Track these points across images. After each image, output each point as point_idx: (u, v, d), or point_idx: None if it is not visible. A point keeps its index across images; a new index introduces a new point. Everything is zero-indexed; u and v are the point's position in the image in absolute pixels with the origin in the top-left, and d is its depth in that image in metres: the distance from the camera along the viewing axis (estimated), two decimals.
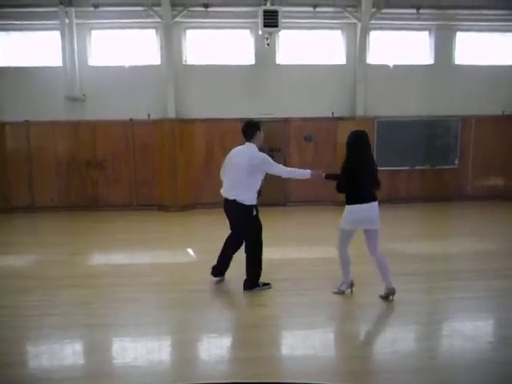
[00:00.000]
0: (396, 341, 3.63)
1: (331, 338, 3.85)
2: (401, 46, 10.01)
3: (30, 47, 9.56)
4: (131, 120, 9.66)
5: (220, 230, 4.97)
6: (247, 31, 9.67)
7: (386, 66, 9.96)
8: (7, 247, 6.97)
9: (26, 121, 9.49)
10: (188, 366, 3.28)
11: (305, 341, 3.61)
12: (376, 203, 4.27)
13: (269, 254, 4.98)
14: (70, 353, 3.59)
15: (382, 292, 4.30)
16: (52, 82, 9.34)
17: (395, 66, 9.95)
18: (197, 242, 7.02)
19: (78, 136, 9.65)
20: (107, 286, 4.98)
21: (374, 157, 9.85)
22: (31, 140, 9.60)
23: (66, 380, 3.11)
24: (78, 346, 3.73)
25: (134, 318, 4.12)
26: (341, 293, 4.44)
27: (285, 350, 3.61)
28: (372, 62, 9.97)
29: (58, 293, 4.73)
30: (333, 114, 9.94)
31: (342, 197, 4.47)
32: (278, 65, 9.84)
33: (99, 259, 6.36)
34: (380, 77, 9.94)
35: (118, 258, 6.29)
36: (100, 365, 3.37)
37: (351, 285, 4.48)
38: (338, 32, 9.91)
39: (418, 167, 10.29)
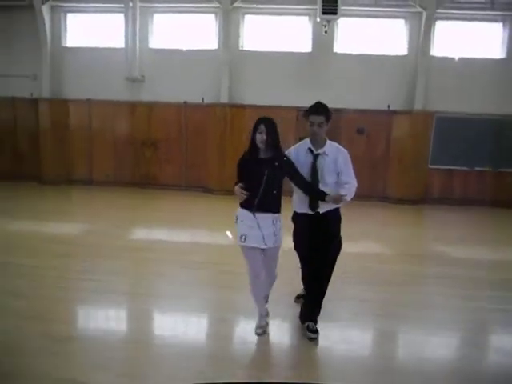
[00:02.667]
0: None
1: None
2: (469, 38, 9.36)
3: (95, 29, 10.06)
4: (185, 103, 9.90)
5: None
6: (305, 18, 9.51)
7: (450, 59, 9.37)
8: (62, 215, 7.50)
9: (88, 99, 10.04)
10: (213, 342, 3.38)
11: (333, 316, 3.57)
12: None
13: None
14: (103, 316, 3.82)
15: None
16: (114, 62, 9.77)
17: (461, 59, 9.34)
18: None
19: (135, 116, 10.06)
20: (145, 259, 5.22)
21: (429, 154, 9.59)
22: (92, 118, 10.16)
23: (97, 339, 3.32)
24: (111, 311, 3.94)
25: (166, 291, 4.31)
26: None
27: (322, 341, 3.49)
28: (436, 54, 9.43)
29: (98, 261, 5.03)
30: (389, 106, 9.55)
31: (391, 192, 4.28)
32: (335, 53, 9.61)
33: (142, 234, 6.66)
34: (443, 70, 9.36)
35: (160, 234, 6.57)
36: (130, 330, 3.59)
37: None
38: (401, 21, 9.47)
39: (477, 168, 9.66)
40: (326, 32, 8.90)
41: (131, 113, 10.08)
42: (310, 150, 3.36)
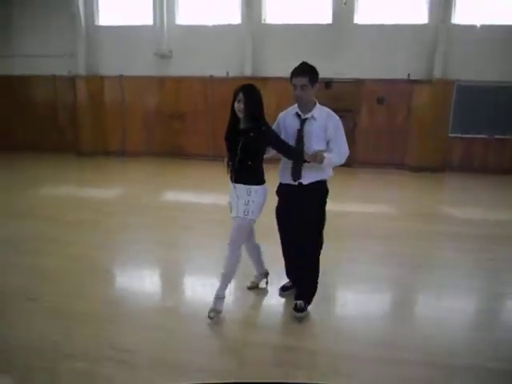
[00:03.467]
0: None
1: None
2: (490, 5, 9.28)
3: (125, 7, 10.62)
4: (211, 76, 10.39)
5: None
6: None
7: (471, 26, 9.36)
8: (99, 182, 8.30)
9: (121, 75, 10.70)
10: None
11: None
12: None
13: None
14: (140, 263, 4.49)
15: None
16: (143, 39, 10.35)
17: (483, 27, 9.32)
18: None
19: (164, 90, 10.66)
20: (175, 216, 5.90)
21: (450, 122, 9.72)
22: (124, 92, 10.83)
23: (131, 276, 4.01)
24: (141, 260, 4.58)
25: (192, 240, 4.97)
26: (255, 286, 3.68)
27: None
28: (456, 22, 9.44)
29: (135, 217, 5.76)
30: (409, 75, 9.70)
31: (411, 160, 4.46)
32: (355, 24, 9.78)
33: (171, 196, 7.39)
34: (464, 38, 9.37)
35: (187, 197, 7.28)
36: (160, 276, 4.29)
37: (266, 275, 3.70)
38: None
39: (497, 136, 9.73)
40: (345, 3, 9.11)
41: (160, 87, 10.68)
42: (298, 115, 3.14)
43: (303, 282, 3.31)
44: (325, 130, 3.09)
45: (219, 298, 3.16)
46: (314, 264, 3.25)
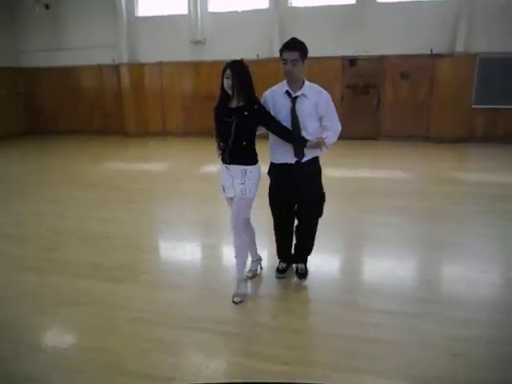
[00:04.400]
0: None
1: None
2: None
3: None
4: (242, 59, 11.09)
5: None
6: None
7: None
8: (145, 159, 9.39)
9: (159, 61, 11.64)
10: None
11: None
12: None
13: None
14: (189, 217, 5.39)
15: None
16: (179, 27, 11.21)
17: None
18: None
19: (199, 74, 11.51)
20: (215, 183, 6.77)
21: (473, 94, 10.00)
22: (163, 78, 11.78)
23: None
24: (196, 215, 5.50)
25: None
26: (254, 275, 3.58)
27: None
28: None
29: (179, 184, 6.76)
30: (431, 50, 10.05)
31: (435, 132, 4.94)
32: (378, 3, 10.19)
33: (208, 169, 8.22)
34: (485, 9, 9.61)
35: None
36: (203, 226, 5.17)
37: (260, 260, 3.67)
38: None
39: None
40: None
41: (195, 71, 11.53)
42: (288, 93, 3.06)
43: (305, 248, 3.43)
44: (316, 107, 3.06)
45: (240, 281, 3.21)
46: (315, 232, 3.37)
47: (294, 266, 3.54)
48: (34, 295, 3.33)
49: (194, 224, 5.14)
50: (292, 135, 3.05)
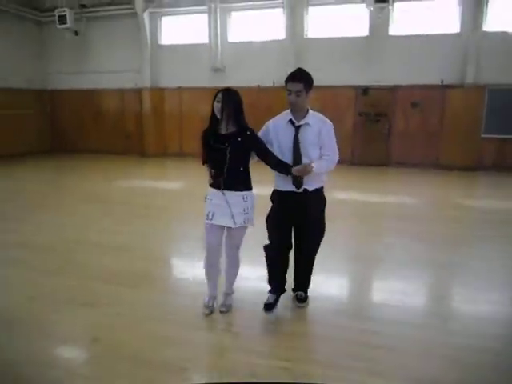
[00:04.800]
0: None
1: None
2: None
3: (184, 28, 12.17)
4: (259, 86, 11.59)
5: None
6: (362, 5, 10.59)
7: (504, 33, 9.90)
8: (162, 176, 9.79)
9: (179, 87, 12.18)
10: None
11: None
12: None
13: None
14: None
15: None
16: (200, 55, 11.78)
17: None
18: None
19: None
20: None
21: (482, 124, 10.21)
22: (182, 102, 12.31)
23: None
24: None
25: None
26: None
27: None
28: (488, 29, 10.01)
29: (195, 200, 6.98)
30: (442, 81, 10.36)
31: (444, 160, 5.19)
32: (390, 36, 10.62)
33: None
34: (496, 44, 9.93)
35: None
36: None
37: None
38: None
39: None
40: (379, 17, 10.01)
41: (214, 97, 11.99)
42: (291, 122, 3.08)
43: (304, 277, 3.43)
44: (318, 136, 3.08)
45: (228, 294, 3.33)
46: (313, 260, 3.37)
47: (293, 293, 3.49)
48: (52, 295, 3.60)
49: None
50: (278, 162, 3.01)
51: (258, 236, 3.36)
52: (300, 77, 3.00)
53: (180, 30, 12.25)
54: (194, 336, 2.99)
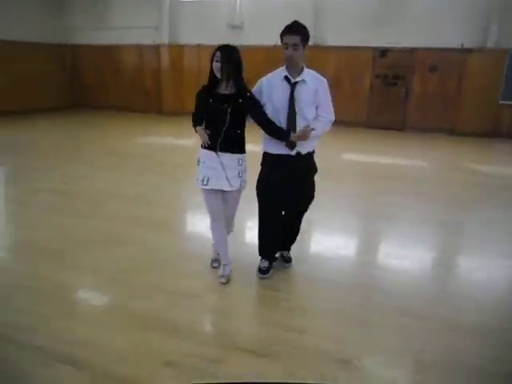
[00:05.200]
0: None
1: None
2: None
3: None
4: (275, 46, 11.53)
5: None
6: None
7: None
8: (179, 133, 10.09)
9: (198, 44, 12.22)
10: None
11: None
12: None
13: None
14: None
15: None
16: (218, 12, 11.73)
17: None
18: None
19: None
20: None
21: (501, 90, 10.12)
22: (201, 59, 12.37)
23: None
24: None
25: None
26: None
27: None
28: None
29: None
30: (462, 45, 10.19)
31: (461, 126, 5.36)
32: None
33: None
34: None
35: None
36: None
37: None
38: None
39: None
40: None
41: None
42: (287, 79, 2.91)
43: (292, 237, 3.44)
44: (315, 94, 2.92)
45: (225, 264, 3.21)
46: (300, 223, 3.37)
47: (279, 253, 3.49)
48: (82, 235, 4.03)
49: None
50: (276, 129, 2.91)
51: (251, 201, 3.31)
52: (296, 29, 2.80)
53: None
54: (210, 271, 3.38)
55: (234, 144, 2.92)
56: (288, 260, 3.50)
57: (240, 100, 2.81)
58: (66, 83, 13.73)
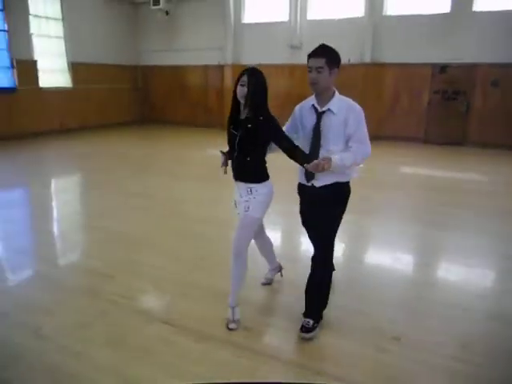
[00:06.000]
0: None
1: None
2: None
3: (265, 6, 12.81)
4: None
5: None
6: None
7: None
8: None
9: (259, 63, 12.87)
10: None
11: None
12: None
13: None
14: None
15: None
16: (279, 33, 12.40)
17: None
18: None
19: (293, 76, 12.57)
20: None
21: None
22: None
23: None
24: None
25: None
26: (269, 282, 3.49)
27: None
28: None
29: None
30: None
31: None
32: (474, 11, 10.39)
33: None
34: None
35: None
36: None
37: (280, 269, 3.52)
38: None
39: None
40: None
41: (290, 74, 12.62)
42: (314, 107, 2.68)
43: (312, 295, 2.85)
44: (344, 126, 2.61)
45: (233, 307, 2.89)
46: (324, 275, 2.83)
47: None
48: (162, 229, 4.63)
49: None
50: (297, 153, 2.60)
51: None
52: (321, 52, 2.60)
53: (262, 7, 12.89)
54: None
55: (244, 172, 2.77)
56: (305, 330, 2.73)
57: (249, 125, 2.64)
58: (137, 100, 15.01)
